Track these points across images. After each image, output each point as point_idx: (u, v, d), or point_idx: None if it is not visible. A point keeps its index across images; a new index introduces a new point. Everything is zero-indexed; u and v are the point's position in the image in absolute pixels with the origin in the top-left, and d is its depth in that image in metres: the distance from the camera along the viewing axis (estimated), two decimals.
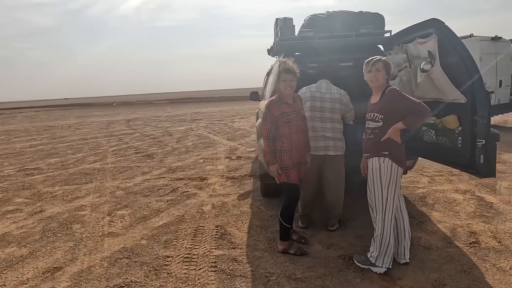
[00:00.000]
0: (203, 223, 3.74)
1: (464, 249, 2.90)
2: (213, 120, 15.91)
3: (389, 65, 2.47)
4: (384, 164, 2.45)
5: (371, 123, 2.52)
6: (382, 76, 2.46)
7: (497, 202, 3.90)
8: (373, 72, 2.47)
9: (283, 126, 2.85)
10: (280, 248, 3.01)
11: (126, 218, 4.01)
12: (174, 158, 7.33)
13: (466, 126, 2.41)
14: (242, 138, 9.72)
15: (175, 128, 13.27)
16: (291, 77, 2.84)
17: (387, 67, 2.46)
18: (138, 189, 5.18)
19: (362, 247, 3.01)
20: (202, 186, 5.15)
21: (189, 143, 9.28)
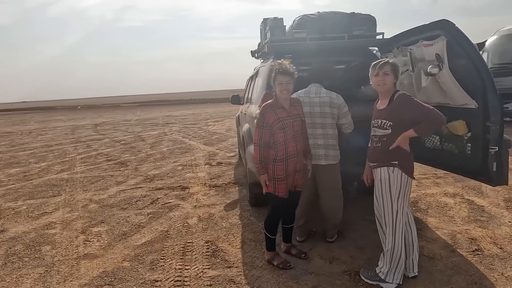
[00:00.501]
0: (191, 238, 3.45)
1: (469, 257, 2.82)
2: (186, 123, 15.44)
3: (397, 68, 2.33)
4: (393, 175, 2.30)
5: (378, 130, 2.37)
6: (390, 80, 2.31)
7: (487, 205, 3.91)
8: (381, 76, 2.32)
9: (278, 132, 2.63)
10: (266, 257, 2.89)
11: (104, 236, 3.63)
12: (150, 166, 6.92)
13: (477, 132, 2.32)
14: (219, 143, 9.43)
15: (147, 132, 12.71)
16: (287, 80, 2.63)
17: (396, 70, 2.31)
18: (113, 201, 4.76)
19: (365, 260, 2.86)
20: (185, 196, 4.83)
21: (164, 149, 8.85)
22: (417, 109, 2.19)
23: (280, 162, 2.63)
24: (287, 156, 2.64)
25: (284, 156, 2.64)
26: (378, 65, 2.34)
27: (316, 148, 2.94)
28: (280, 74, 2.62)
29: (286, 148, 2.64)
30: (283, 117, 2.65)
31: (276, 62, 2.71)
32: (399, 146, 2.28)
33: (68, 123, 19.30)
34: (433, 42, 2.43)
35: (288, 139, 2.64)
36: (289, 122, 2.65)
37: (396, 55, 2.93)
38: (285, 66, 2.64)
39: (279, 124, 2.63)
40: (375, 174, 2.41)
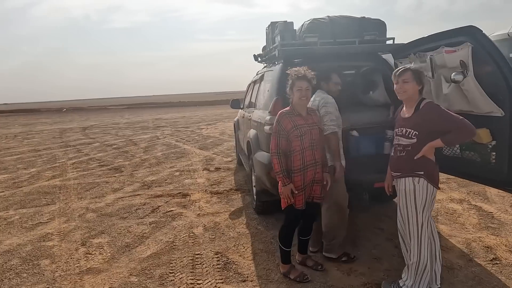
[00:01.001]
0: (199, 250, 3.31)
1: (487, 267, 2.78)
2: (178, 127, 15.21)
3: (419, 74, 2.26)
4: (419, 185, 2.23)
5: (402, 139, 2.29)
6: (411, 88, 2.24)
7: (495, 211, 3.89)
8: (400, 84, 2.26)
9: (294, 140, 2.54)
10: (281, 270, 2.78)
11: (106, 247, 3.45)
12: (146, 171, 6.72)
13: (503, 141, 2.27)
14: (215, 147, 9.28)
15: (138, 136, 12.44)
16: (306, 86, 2.55)
17: (417, 76, 2.24)
18: (112, 210, 4.57)
19: (384, 271, 2.78)
20: (186, 204, 4.67)
21: (158, 153, 8.65)
22: (445, 119, 2.13)
23: (297, 173, 2.54)
24: (305, 165, 2.55)
25: (302, 165, 2.54)
26: (398, 72, 2.28)
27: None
28: (299, 80, 2.54)
29: (303, 157, 2.55)
30: (300, 124, 2.56)
31: (292, 69, 2.62)
32: (424, 156, 2.22)
33: (55, 126, 18.78)
34: (456, 49, 2.38)
35: (305, 147, 2.55)
36: (306, 129, 2.57)
37: (412, 61, 2.87)
38: (304, 72, 2.56)
39: (296, 131, 2.54)
40: (399, 185, 2.33)
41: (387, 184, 2.54)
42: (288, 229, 2.70)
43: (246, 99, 5.66)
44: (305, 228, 2.79)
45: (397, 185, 2.36)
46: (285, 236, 2.69)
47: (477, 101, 2.35)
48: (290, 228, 2.71)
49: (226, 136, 11.25)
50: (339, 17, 3.56)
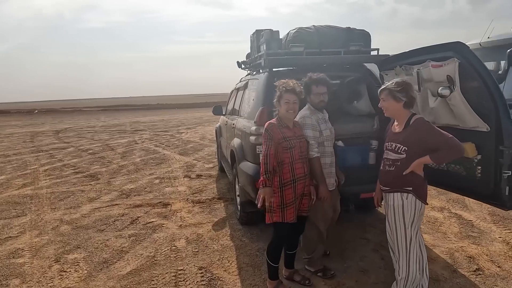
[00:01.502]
0: (181, 265, 3.18)
1: (471, 278, 2.81)
2: (157, 131, 14.89)
3: (393, 91, 2.20)
4: (407, 201, 2.22)
5: (391, 153, 2.28)
6: (390, 105, 2.24)
7: (475, 219, 3.98)
8: (380, 102, 2.27)
9: (284, 152, 2.49)
10: (269, 287, 2.70)
11: (82, 264, 3.26)
12: (124, 179, 6.49)
13: (488, 156, 2.29)
14: (195, 153, 9.11)
15: (115, 140, 12.07)
16: (294, 99, 2.51)
17: (393, 94, 2.20)
18: (88, 221, 4.36)
19: (371, 285, 2.76)
20: (167, 214, 4.52)
21: (137, 159, 8.40)
22: (435, 136, 2.13)
23: (288, 186, 2.48)
24: (295, 178, 2.50)
25: (292, 178, 2.49)
26: (378, 91, 2.30)
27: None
28: (287, 92, 2.49)
29: (293, 169, 2.50)
30: (289, 136, 2.51)
31: (281, 81, 2.57)
32: (413, 171, 2.21)
33: (26, 129, 17.96)
34: (443, 63, 2.40)
35: (295, 160, 2.51)
36: (296, 142, 2.52)
37: (398, 74, 2.88)
38: (292, 84, 2.51)
39: (286, 143, 2.49)
40: (387, 199, 2.32)
41: (376, 197, 2.52)
42: (277, 244, 2.63)
43: (229, 106, 5.57)
44: (291, 243, 2.73)
45: (386, 199, 2.34)
46: (274, 252, 2.62)
47: (463, 115, 2.37)
48: (280, 243, 2.64)
49: (207, 141, 11.10)
50: (325, 27, 3.55)
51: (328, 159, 2.76)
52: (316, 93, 2.68)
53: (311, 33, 3.46)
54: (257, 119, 3.27)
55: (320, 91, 2.68)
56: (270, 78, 3.32)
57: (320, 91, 2.68)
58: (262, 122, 3.22)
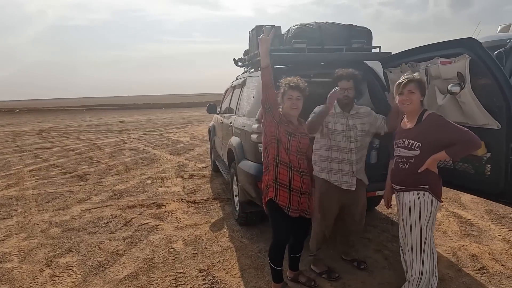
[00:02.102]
0: (181, 267, 3.06)
1: (476, 277, 2.80)
2: (145, 130, 14.62)
3: (423, 84, 2.23)
4: (424, 200, 2.17)
5: (404, 151, 2.23)
6: (416, 98, 2.19)
7: (473, 218, 4.00)
8: (406, 95, 2.20)
9: (283, 135, 2.40)
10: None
11: (75, 268, 3.11)
12: (114, 179, 6.30)
13: (499, 154, 2.27)
14: (186, 152, 8.95)
15: (103, 140, 11.78)
16: (297, 95, 2.44)
17: (422, 86, 2.20)
18: (79, 223, 4.18)
19: (377, 285, 2.71)
20: (162, 216, 4.38)
21: (126, 159, 8.19)
22: (450, 130, 2.08)
23: (283, 165, 2.40)
24: (291, 164, 2.41)
25: (288, 161, 2.40)
26: (403, 83, 2.21)
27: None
28: (291, 89, 2.43)
29: (288, 154, 2.40)
30: (291, 131, 2.43)
31: (286, 78, 2.50)
32: (428, 168, 2.16)
33: (8, 129, 17.37)
34: (452, 60, 2.37)
35: (291, 150, 2.41)
36: (297, 134, 2.44)
37: (404, 71, 2.84)
38: (296, 81, 2.45)
39: (287, 127, 2.42)
40: (402, 199, 2.26)
41: (386, 198, 2.47)
42: (277, 247, 2.51)
43: (224, 104, 5.46)
44: (295, 245, 2.65)
45: (400, 199, 2.28)
46: (276, 255, 2.51)
47: (473, 113, 2.34)
48: (280, 246, 2.51)
49: (197, 141, 10.94)
50: (326, 24, 3.48)
51: (336, 153, 2.68)
52: (340, 88, 2.64)
53: (313, 29, 3.39)
54: (259, 116, 3.18)
55: (343, 86, 2.65)
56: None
57: (343, 86, 2.65)
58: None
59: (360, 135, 2.70)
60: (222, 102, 5.74)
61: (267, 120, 2.45)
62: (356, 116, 2.72)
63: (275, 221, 2.48)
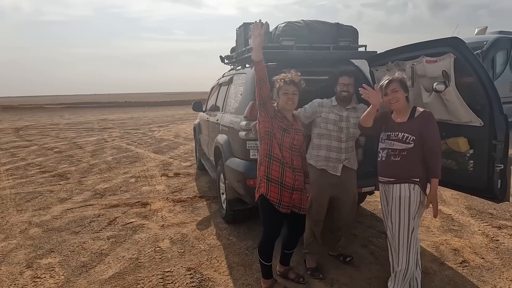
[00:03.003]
0: (168, 266, 3.02)
1: (459, 270, 2.88)
2: (127, 129, 14.34)
3: (404, 81, 2.30)
4: (414, 192, 2.23)
5: (398, 143, 2.27)
6: (401, 96, 2.27)
7: (454, 213, 4.12)
8: (390, 94, 2.27)
9: (276, 130, 2.41)
10: (263, 286, 2.61)
11: (58, 269, 3.01)
12: (97, 178, 6.15)
13: (482, 150, 2.35)
14: (170, 151, 8.84)
15: (83, 138, 11.48)
16: (293, 90, 2.43)
17: (403, 84, 2.29)
18: (60, 223, 4.06)
19: (365, 280, 2.75)
20: (147, 214, 4.31)
21: (108, 158, 8.01)
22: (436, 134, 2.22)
23: (276, 161, 2.40)
24: (283, 160, 2.41)
25: (281, 157, 2.40)
26: (384, 84, 2.29)
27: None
28: (286, 83, 2.43)
29: (281, 150, 2.41)
30: (285, 126, 2.43)
31: (281, 74, 2.50)
32: (420, 162, 2.25)
33: None
34: (438, 59, 2.43)
35: (284, 146, 2.41)
36: (291, 130, 2.44)
37: (390, 69, 2.90)
38: (291, 75, 2.45)
39: (281, 123, 2.42)
40: (392, 191, 2.30)
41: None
42: (267, 243, 2.51)
43: (210, 102, 5.42)
44: (290, 242, 2.64)
45: (390, 191, 2.32)
46: (266, 251, 2.51)
47: (457, 110, 2.41)
48: (270, 241, 2.51)
49: (181, 139, 10.82)
50: (314, 22, 3.51)
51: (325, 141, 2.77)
52: (340, 83, 2.73)
53: (301, 27, 3.41)
54: (248, 113, 3.18)
55: (343, 81, 2.72)
56: None
57: (343, 82, 2.72)
58: (253, 115, 3.14)
59: (352, 127, 2.76)
60: (208, 100, 5.70)
61: (261, 116, 2.44)
62: (351, 110, 2.80)
63: (266, 216, 2.47)
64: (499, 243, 3.33)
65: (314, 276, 2.81)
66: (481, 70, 2.26)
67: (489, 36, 9.98)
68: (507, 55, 9.91)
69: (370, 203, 4.53)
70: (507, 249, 3.21)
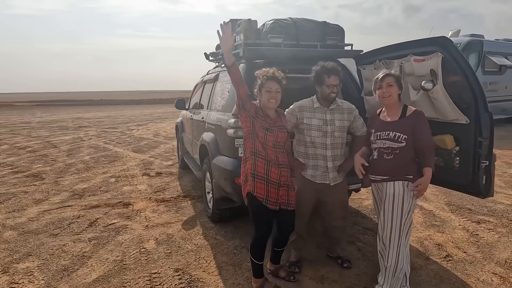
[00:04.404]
0: (155, 268, 2.94)
1: (443, 264, 2.96)
2: (104, 127, 13.92)
3: (400, 78, 2.33)
4: (408, 189, 2.26)
5: (389, 142, 2.29)
6: (395, 91, 2.29)
7: (435, 209, 4.23)
8: (385, 88, 2.28)
9: (259, 129, 2.38)
10: (254, 285, 2.59)
11: (37, 273, 2.87)
12: (74, 178, 5.92)
13: (467, 147, 2.41)
14: (151, 150, 8.64)
15: (57, 137, 11.04)
16: (276, 87, 2.40)
17: (399, 80, 2.31)
18: (37, 225, 3.87)
19: (354, 276, 2.78)
20: (130, 215, 4.18)
21: (86, 157, 7.74)
22: (427, 132, 2.25)
23: (261, 158, 2.38)
24: (268, 158, 2.39)
25: (265, 155, 2.38)
26: (380, 77, 2.30)
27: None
28: (268, 80, 2.39)
29: (265, 149, 2.38)
30: (267, 125, 2.40)
31: (261, 69, 2.46)
32: (413, 160, 2.29)
33: None
34: (425, 58, 2.48)
35: (267, 145, 2.38)
36: (273, 129, 2.41)
37: (378, 68, 2.94)
38: (273, 72, 2.42)
39: (263, 122, 2.38)
40: (386, 188, 2.31)
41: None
42: (259, 242, 2.47)
43: (194, 100, 5.33)
44: (280, 239, 2.61)
45: (383, 188, 2.34)
46: (257, 250, 2.48)
47: (444, 109, 2.47)
48: (262, 240, 2.48)
49: (162, 138, 10.61)
50: (301, 20, 3.50)
51: (311, 149, 2.66)
52: (329, 85, 2.54)
53: (289, 25, 3.39)
54: (236, 111, 3.12)
55: (333, 82, 2.54)
56: (248, 68, 3.20)
57: (333, 82, 2.54)
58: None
59: (338, 131, 2.64)
60: (191, 98, 5.60)
61: (242, 116, 2.42)
62: (335, 110, 2.66)
63: (255, 214, 2.44)
64: (479, 237, 3.45)
65: (290, 269, 2.82)
66: (468, 69, 2.32)
67: (462, 39, 10.40)
68: (479, 57, 10.36)
69: (354, 201, 4.59)
70: (486, 243, 3.33)
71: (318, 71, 2.61)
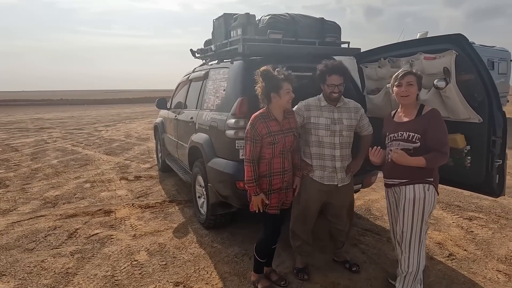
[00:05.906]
0: (152, 282, 2.68)
1: (448, 263, 2.95)
2: (69, 128, 13.07)
3: (421, 78, 2.24)
4: (429, 193, 2.17)
5: (404, 143, 2.21)
6: (414, 91, 2.21)
7: None
8: (404, 86, 2.19)
9: (266, 147, 2.32)
10: (252, 279, 2.60)
11: None
12: (44, 184, 5.42)
13: (480, 146, 2.39)
14: (125, 152, 8.18)
15: (18, 140, 10.19)
16: (291, 88, 2.34)
17: (419, 81, 2.23)
18: (8, 240, 3.46)
19: (365, 281, 2.69)
20: (113, 224, 3.85)
21: (53, 161, 7.16)
22: (443, 134, 2.15)
23: (263, 179, 2.36)
24: (271, 173, 2.35)
25: (268, 172, 2.35)
26: (401, 74, 2.21)
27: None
28: (286, 81, 2.30)
29: (270, 164, 2.35)
30: (274, 131, 2.33)
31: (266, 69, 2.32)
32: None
33: None
34: (437, 56, 2.43)
35: (275, 155, 2.35)
36: (280, 138, 2.34)
37: (382, 66, 2.87)
38: (288, 72, 2.34)
39: (270, 138, 2.31)
40: (405, 193, 2.21)
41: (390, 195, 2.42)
42: (268, 242, 2.51)
43: (177, 99, 5.05)
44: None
45: (402, 193, 2.25)
46: (264, 249, 2.51)
47: (456, 107, 2.43)
48: (271, 240, 2.51)
49: (134, 139, 10.11)
50: (299, 16, 3.38)
51: (318, 149, 2.56)
52: (330, 84, 2.45)
53: (287, 20, 3.26)
54: (237, 110, 2.94)
55: (333, 81, 2.45)
56: (248, 66, 3.02)
57: (333, 82, 2.45)
58: (242, 113, 2.93)
59: (347, 130, 2.56)
60: (174, 97, 5.31)
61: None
62: (342, 109, 2.58)
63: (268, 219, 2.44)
64: (475, 234, 3.50)
65: (298, 276, 2.72)
66: (482, 67, 2.29)
67: None
68: None
69: None
70: (483, 239, 3.39)
71: (321, 70, 2.55)
